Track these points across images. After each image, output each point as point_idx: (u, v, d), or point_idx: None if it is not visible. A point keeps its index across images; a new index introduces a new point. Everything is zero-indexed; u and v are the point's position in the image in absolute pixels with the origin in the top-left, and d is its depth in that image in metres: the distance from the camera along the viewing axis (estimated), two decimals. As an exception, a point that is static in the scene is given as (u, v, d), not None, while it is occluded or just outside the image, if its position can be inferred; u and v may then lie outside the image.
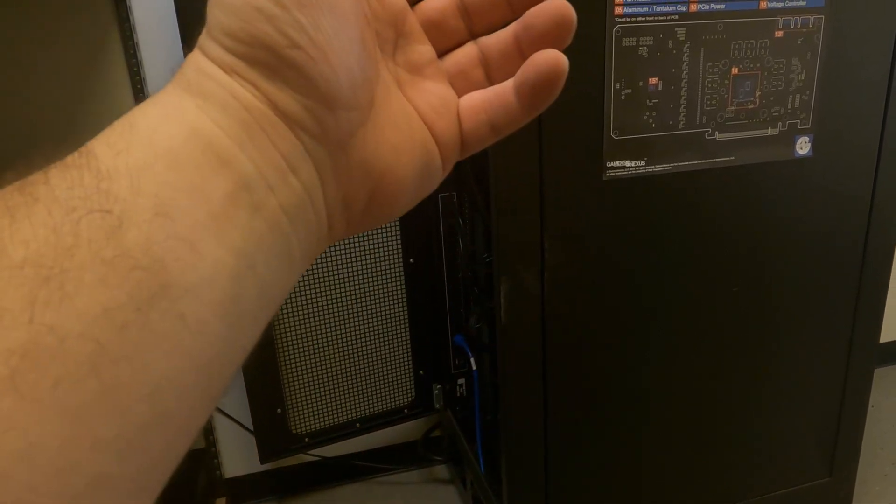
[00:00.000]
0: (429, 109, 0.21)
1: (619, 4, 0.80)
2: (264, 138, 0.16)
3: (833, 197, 0.98)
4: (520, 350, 0.92)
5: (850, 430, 1.15)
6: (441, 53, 0.22)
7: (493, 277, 0.91)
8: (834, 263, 1.02)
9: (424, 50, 0.22)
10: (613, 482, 1.05)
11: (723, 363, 1.03)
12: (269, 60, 0.16)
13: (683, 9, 0.82)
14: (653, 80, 0.84)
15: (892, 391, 1.71)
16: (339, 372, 1.32)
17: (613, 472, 1.04)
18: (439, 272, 1.31)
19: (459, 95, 0.22)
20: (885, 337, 1.58)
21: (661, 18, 0.82)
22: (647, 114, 0.85)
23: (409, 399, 1.40)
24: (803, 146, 0.93)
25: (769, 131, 0.91)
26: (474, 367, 1.25)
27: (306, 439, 1.32)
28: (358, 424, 1.36)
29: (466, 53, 0.22)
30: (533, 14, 0.20)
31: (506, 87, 0.21)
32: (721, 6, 0.83)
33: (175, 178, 0.15)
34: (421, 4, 0.22)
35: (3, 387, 0.11)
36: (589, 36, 0.80)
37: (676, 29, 0.83)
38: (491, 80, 0.22)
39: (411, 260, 1.33)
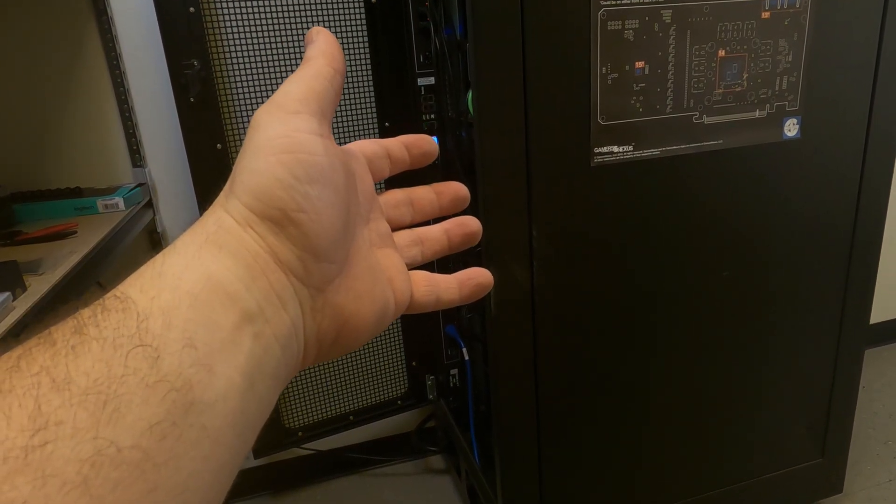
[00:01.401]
0: (391, 267, 0.28)
1: (603, -13, 0.79)
2: (264, 280, 0.21)
3: (822, 179, 0.98)
4: (511, 340, 0.92)
5: (842, 411, 1.15)
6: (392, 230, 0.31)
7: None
8: (823, 245, 1.02)
9: (386, 225, 0.29)
10: (606, 468, 1.05)
11: (714, 347, 1.03)
12: (279, 218, 0.21)
13: (669, -9, 0.81)
14: (639, 64, 0.83)
15: (882, 372, 1.73)
16: (331, 365, 1.32)
17: (606, 458, 1.04)
18: (430, 262, 1.31)
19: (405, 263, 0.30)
20: (875, 318, 1.59)
21: (646, 1, 0.81)
22: (634, 98, 0.84)
23: (403, 391, 1.40)
24: (791, 128, 0.93)
25: (757, 114, 0.90)
26: (466, 358, 1.24)
27: (300, 433, 1.32)
28: (351, 417, 1.36)
29: (408, 235, 0.31)
30: (456, 225, 0.31)
31: (451, 281, 0.30)
32: (707, -12, 0.82)
33: (196, 315, 0.19)
34: (386, 194, 0.31)
35: (79, 492, 0.14)
36: (574, 20, 0.79)
37: (662, 11, 0.82)
38: (423, 256, 0.31)
39: (401, 251, 1.32)
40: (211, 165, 1.10)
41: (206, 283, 0.19)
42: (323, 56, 0.25)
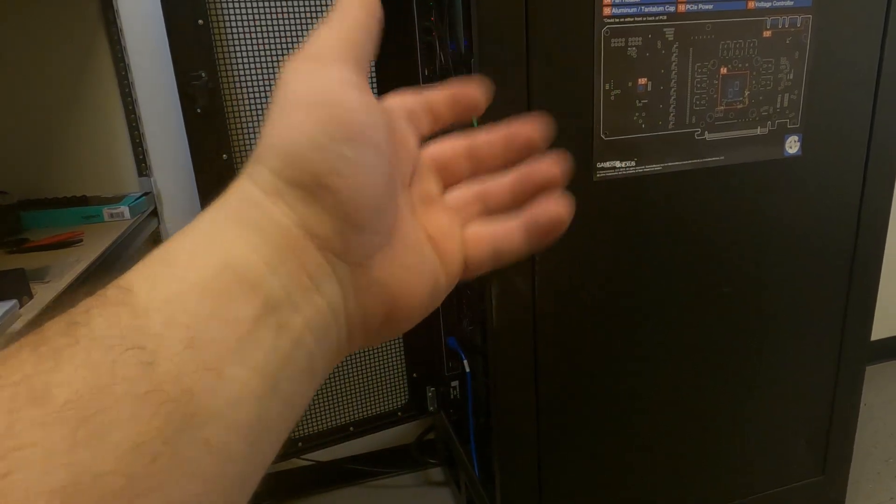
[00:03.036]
0: (438, 234, 0.24)
1: (607, 5, 0.80)
2: (294, 260, 0.18)
3: (823, 196, 0.98)
4: (511, 352, 0.92)
5: (843, 428, 1.15)
6: (446, 188, 0.26)
7: (484, 279, 0.91)
8: (824, 262, 1.03)
9: (433, 185, 0.25)
10: (606, 483, 1.05)
11: (714, 363, 1.03)
12: (311, 184, 0.18)
13: (672, 9, 0.82)
14: (642, 81, 0.84)
15: (884, 389, 1.72)
16: (332, 376, 1.32)
17: (606, 473, 1.04)
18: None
19: (461, 224, 0.25)
20: (876, 334, 1.59)
21: (649, 19, 0.82)
22: (637, 114, 0.85)
23: (403, 402, 1.40)
24: (792, 145, 0.93)
25: (758, 131, 0.91)
26: (467, 370, 1.24)
27: (300, 444, 1.32)
28: (351, 428, 1.36)
29: (468, 190, 0.26)
30: (525, 176, 0.25)
31: (511, 226, 0.25)
32: (709, 6, 0.84)
33: (206, 308, 0.16)
34: (436, 147, 0.26)
35: None
36: (578, 37, 0.80)
37: (665, 29, 0.83)
38: (488, 213, 0.26)
39: (403, 262, 1.32)
40: (217, 175, 1.11)
41: (222, 269, 0.17)
42: None
